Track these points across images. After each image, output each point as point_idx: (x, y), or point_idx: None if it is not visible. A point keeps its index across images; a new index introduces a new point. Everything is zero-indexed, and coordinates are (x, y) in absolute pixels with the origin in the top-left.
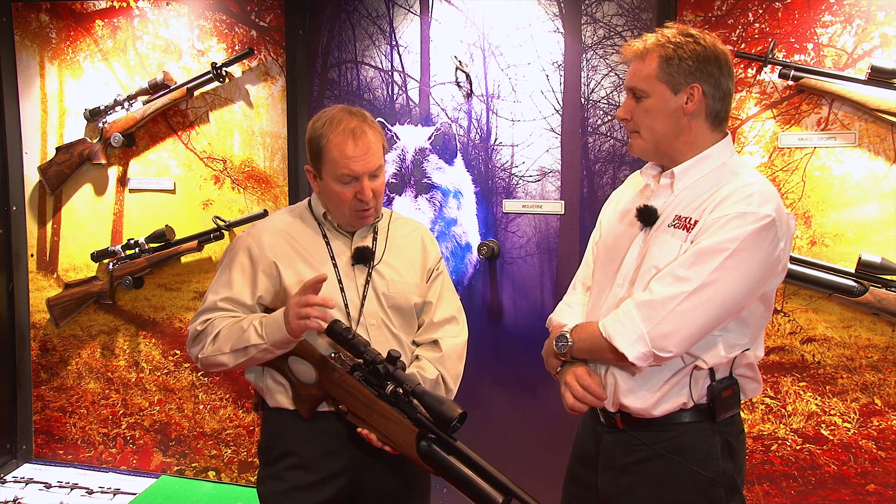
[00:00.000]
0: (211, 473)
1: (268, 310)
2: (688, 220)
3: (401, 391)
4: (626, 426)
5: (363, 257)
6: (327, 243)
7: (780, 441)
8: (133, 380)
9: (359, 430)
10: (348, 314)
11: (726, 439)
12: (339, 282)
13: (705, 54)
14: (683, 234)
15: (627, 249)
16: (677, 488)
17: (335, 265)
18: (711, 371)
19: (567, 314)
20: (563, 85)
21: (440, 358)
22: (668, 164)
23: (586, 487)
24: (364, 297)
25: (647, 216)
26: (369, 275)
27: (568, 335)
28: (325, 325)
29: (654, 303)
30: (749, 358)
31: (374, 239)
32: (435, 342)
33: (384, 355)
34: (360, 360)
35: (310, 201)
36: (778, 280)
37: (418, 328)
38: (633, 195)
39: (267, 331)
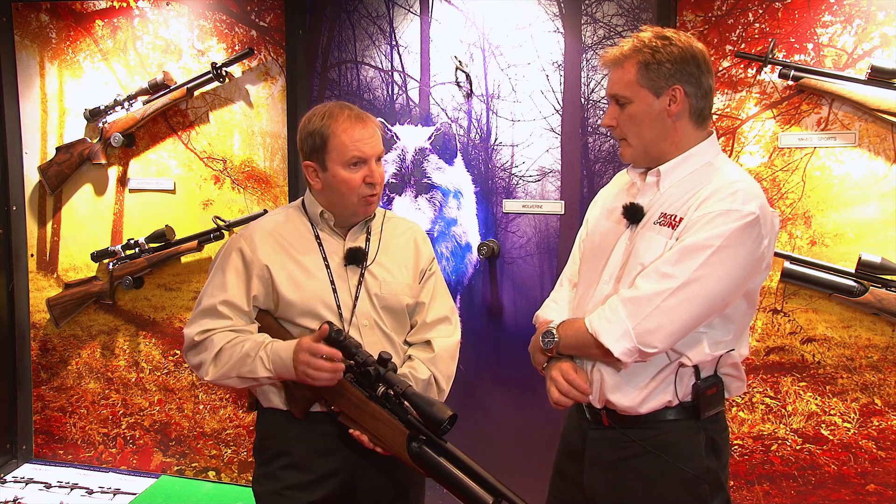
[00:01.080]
0: (211, 473)
1: (261, 311)
2: (673, 218)
3: (391, 393)
4: (612, 423)
5: (355, 258)
6: (320, 244)
7: (780, 441)
8: (133, 380)
9: (351, 431)
10: (340, 315)
11: (710, 437)
12: (332, 282)
13: (682, 55)
14: (669, 232)
15: (613, 247)
16: (663, 485)
17: (328, 266)
18: (696, 369)
19: (553, 311)
20: (563, 85)
21: (433, 358)
22: (655, 166)
23: (573, 483)
24: (356, 298)
25: (633, 214)
26: (362, 275)
27: (554, 331)
28: (334, 382)
29: (639, 299)
30: (734, 357)
31: (367, 239)
32: (427, 342)
33: (375, 357)
34: (352, 362)
35: (303, 201)
36: (762, 278)
37: (411, 328)
38: (620, 193)
39: (275, 367)
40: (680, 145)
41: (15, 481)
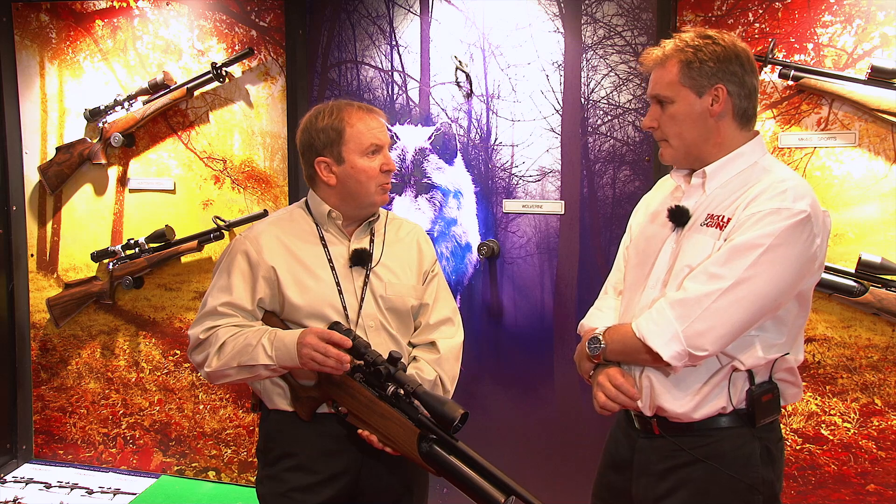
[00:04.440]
0: (211, 473)
1: (267, 313)
2: (721, 219)
3: (402, 392)
4: (663, 431)
5: (361, 259)
6: (324, 246)
7: None
8: (133, 380)
9: (360, 431)
10: (346, 317)
11: (766, 446)
12: (337, 284)
13: (725, 54)
14: (717, 233)
15: (660, 251)
16: (715, 494)
17: (333, 268)
18: (751, 375)
19: (598, 318)
20: (563, 85)
21: (438, 360)
22: (699, 168)
23: (620, 494)
24: (362, 300)
25: (678, 216)
26: (367, 277)
27: (601, 337)
28: (339, 371)
29: (688, 301)
30: (789, 362)
31: (371, 241)
32: (432, 343)
33: (384, 357)
34: (361, 362)
35: (307, 202)
36: (815, 279)
37: (415, 330)
38: (664, 197)
39: (276, 353)
40: (723, 146)
41: (15, 481)
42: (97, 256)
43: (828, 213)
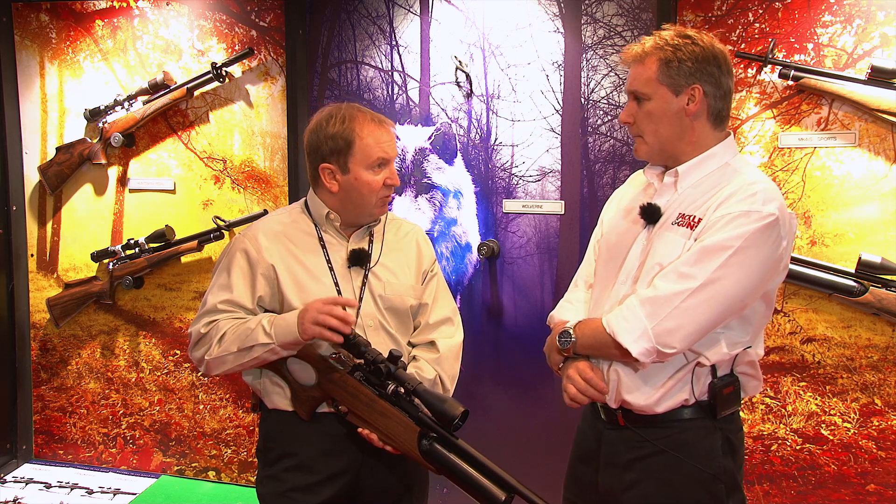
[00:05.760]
0: (211, 473)
1: (267, 312)
2: (691, 218)
3: (402, 390)
4: (628, 423)
5: (359, 259)
6: (323, 246)
7: (780, 441)
8: (133, 380)
9: (360, 430)
10: None
11: (727, 436)
12: (336, 284)
13: (704, 54)
14: (687, 232)
15: (630, 247)
16: (679, 484)
17: (331, 268)
18: (713, 368)
19: (569, 311)
20: (563, 85)
21: (438, 359)
22: (672, 165)
23: (587, 486)
24: (361, 300)
25: (650, 214)
26: (366, 277)
27: (571, 331)
28: (340, 339)
29: (658, 299)
30: (750, 356)
31: (370, 241)
32: (432, 343)
33: (385, 355)
34: (361, 361)
35: (306, 202)
36: (780, 279)
37: (414, 329)
38: (636, 194)
39: (276, 330)
40: (697, 145)
41: (15, 481)
42: (97, 256)
43: (794, 215)
